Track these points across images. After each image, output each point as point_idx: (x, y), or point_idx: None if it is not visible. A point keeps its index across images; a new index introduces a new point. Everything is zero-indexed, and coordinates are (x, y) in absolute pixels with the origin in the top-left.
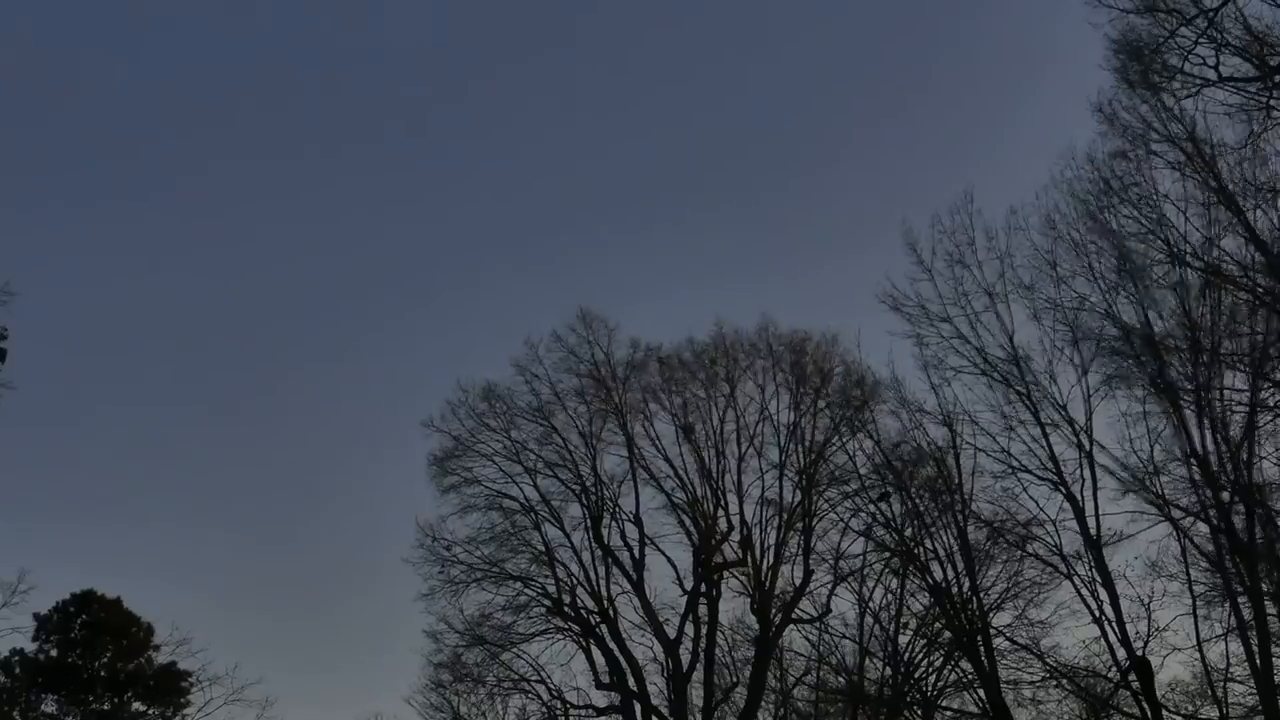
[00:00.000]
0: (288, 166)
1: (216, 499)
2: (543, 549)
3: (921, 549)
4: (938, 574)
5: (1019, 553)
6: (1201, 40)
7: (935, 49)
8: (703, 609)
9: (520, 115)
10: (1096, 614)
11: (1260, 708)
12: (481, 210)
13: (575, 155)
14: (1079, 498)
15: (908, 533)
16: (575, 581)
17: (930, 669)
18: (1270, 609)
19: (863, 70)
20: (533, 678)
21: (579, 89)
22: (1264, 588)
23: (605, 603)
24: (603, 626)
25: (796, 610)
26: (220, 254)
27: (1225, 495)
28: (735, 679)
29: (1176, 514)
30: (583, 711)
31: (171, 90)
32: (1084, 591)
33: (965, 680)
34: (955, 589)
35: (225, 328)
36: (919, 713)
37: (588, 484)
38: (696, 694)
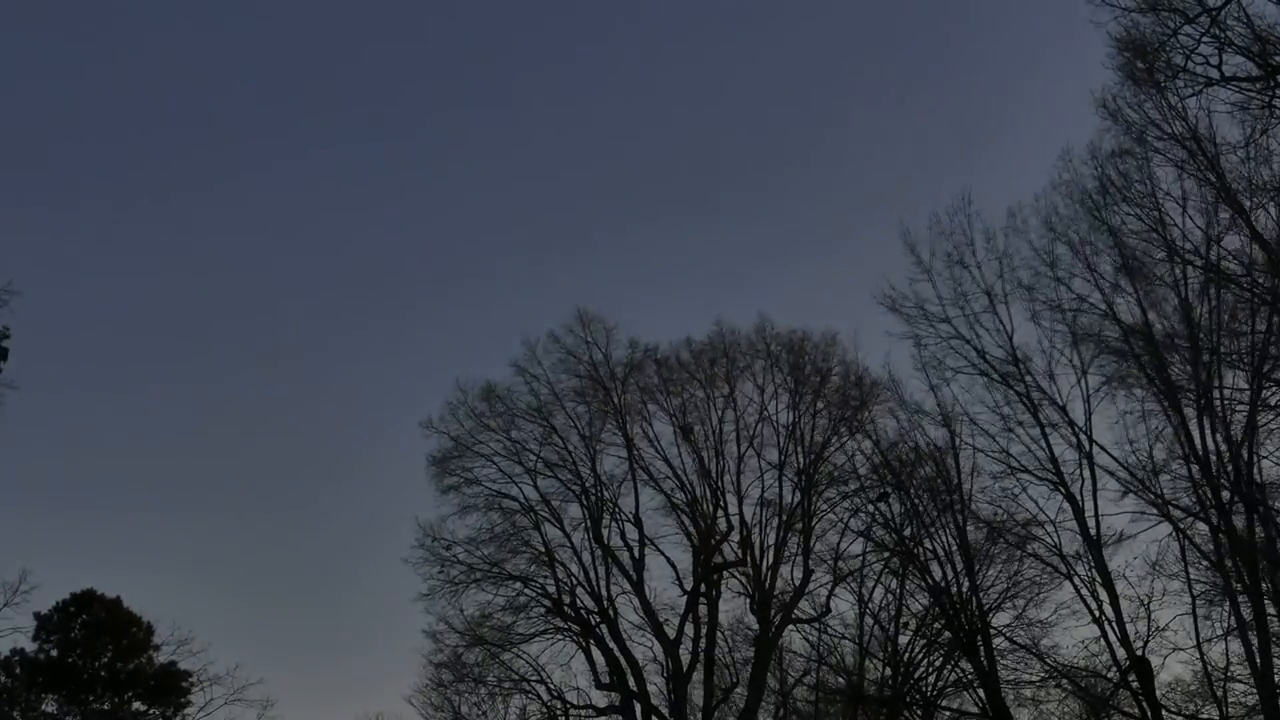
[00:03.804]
0: (287, 163)
1: (216, 501)
2: (543, 549)
3: (921, 549)
4: (937, 574)
5: (1019, 553)
6: (1204, 39)
7: (936, 49)
8: (702, 609)
9: (516, 114)
10: (1096, 614)
11: (1260, 708)
12: (480, 209)
13: (572, 154)
14: (1078, 498)
15: (907, 533)
16: (575, 582)
17: (930, 669)
18: (1270, 609)
19: (863, 70)
20: (533, 678)
21: (575, 87)
22: (1264, 587)
23: (605, 603)
24: (603, 626)
25: (796, 610)
26: (220, 249)
27: (1225, 495)
28: (735, 679)
29: (1176, 514)
30: (583, 711)
31: (163, 87)
32: (1084, 591)
33: (965, 680)
34: (955, 589)
35: (226, 324)
36: (919, 713)
37: (587, 484)
38: (696, 694)
